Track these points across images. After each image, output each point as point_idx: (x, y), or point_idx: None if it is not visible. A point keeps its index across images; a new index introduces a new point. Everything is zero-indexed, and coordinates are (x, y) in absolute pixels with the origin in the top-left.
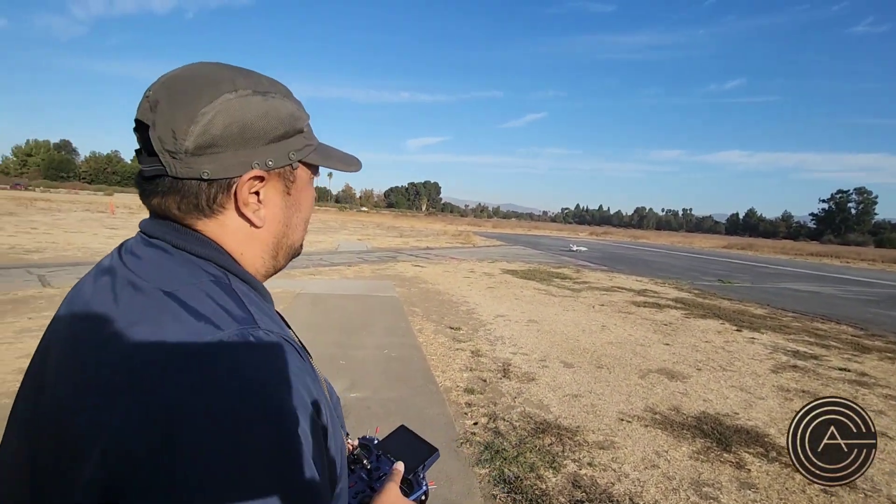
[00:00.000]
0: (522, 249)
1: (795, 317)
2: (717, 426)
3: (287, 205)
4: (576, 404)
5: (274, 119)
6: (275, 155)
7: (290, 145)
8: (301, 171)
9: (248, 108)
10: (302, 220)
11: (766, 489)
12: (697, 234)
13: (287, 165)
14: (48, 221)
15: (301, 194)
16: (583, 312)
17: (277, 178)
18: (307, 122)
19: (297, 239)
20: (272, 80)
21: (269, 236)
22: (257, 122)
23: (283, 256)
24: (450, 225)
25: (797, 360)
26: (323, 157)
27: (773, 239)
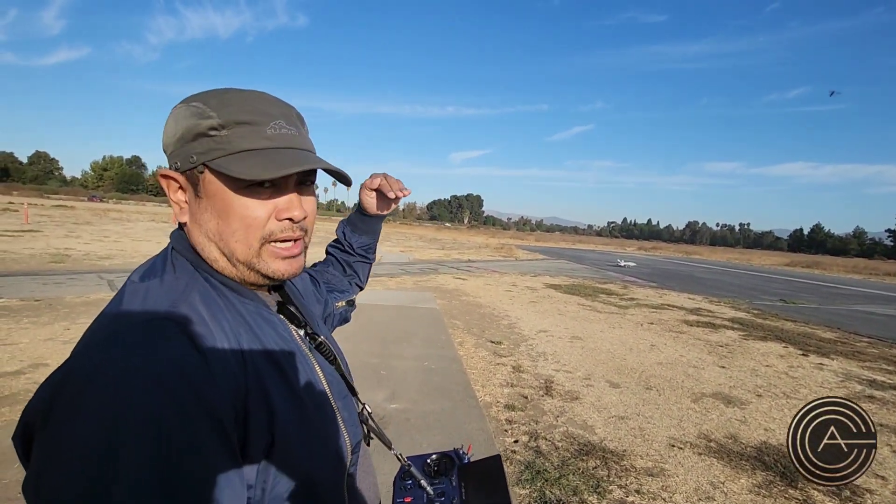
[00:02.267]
0: (566, 263)
1: (871, 342)
2: (781, 459)
3: (201, 208)
4: (622, 427)
5: (177, 124)
6: (180, 157)
7: (192, 148)
8: (212, 175)
9: (169, 118)
10: (232, 230)
11: None
12: (756, 250)
13: (191, 168)
14: (119, 230)
15: (217, 200)
16: (630, 330)
17: (186, 181)
18: (221, 124)
19: (234, 249)
20: (228, 90)
21: (203, 238)
22: (167, 128)
23: (238, 264)
24: (492, 238)
25: (874, 389)
26: (227, 165)
27: (844, 257)
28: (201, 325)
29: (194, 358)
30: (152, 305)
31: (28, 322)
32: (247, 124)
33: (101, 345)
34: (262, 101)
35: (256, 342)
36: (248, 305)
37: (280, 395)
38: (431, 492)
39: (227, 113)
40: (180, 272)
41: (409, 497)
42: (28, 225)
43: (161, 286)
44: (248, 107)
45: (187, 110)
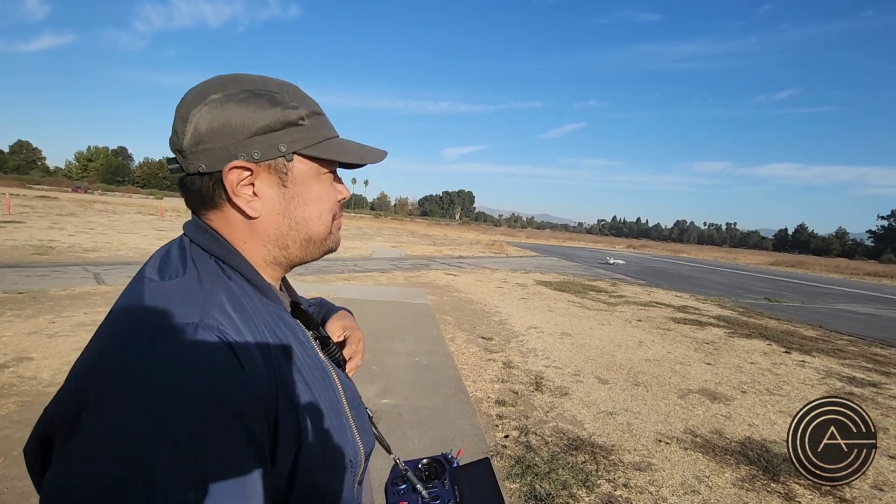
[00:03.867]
0: (557, 261)
1: (851, 340)
2: (764, 453)
3: (284, 197)
4: (611, 422)
5: (256, 112)
6: (261, 147)
7: (280, 138)
8: (301, 164)
9: (231, 105)
10: (314, 213)
11: None
12: (742, 249)
13: (278, 157)
14: (104, 222)
15: (302, 187)
16: (619, 327)
17: (269, 171)
18: (307, 114)
19: (314, 232)
20: (267, 79)
21: (268, 227)
22: (237, 116)
23: (298, 248)
24: (483, 234)
25: (853, 386)
26: (326, 151)
27: (826, 257)
28: (234, 331)
29: (231, 364)
30: (182, 307)
31: (11, 315)
32: (318, 115)
33: (137, 348)
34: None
35: (281, 350)
36: (271, 307)
37: (305, 404)
38: (426, 495)
39: (304, 104)
40: (204, 271)
41: (404, 501)
42: (10, 216)
43: (185, 285)
44: (310, 98)
45: (258, 100)
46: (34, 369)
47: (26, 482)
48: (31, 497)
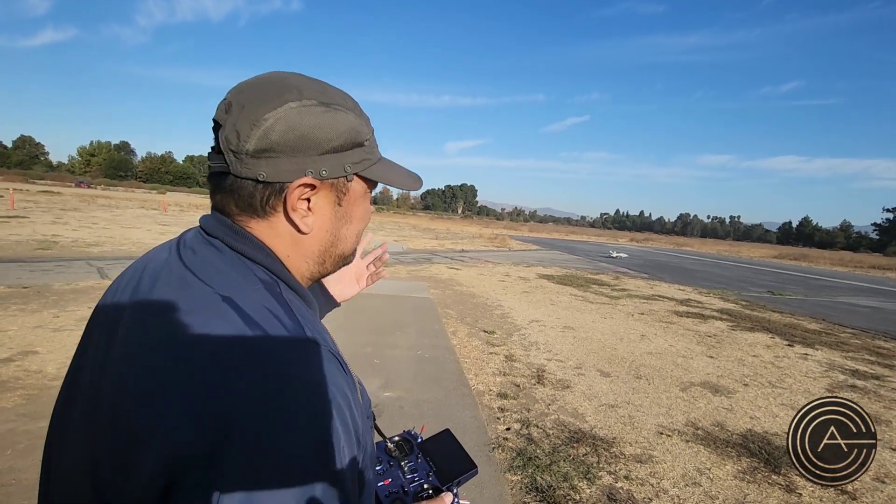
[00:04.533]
0: (559, 254)
1: (854, 333)
2: (766, 445)
3: (337, 215)
4: (612, 415)
5: (332, 130)
6: (329, 165)
7: (347, 158)
8: (356, 183)
9: (309, 118)
10: (354, 231)
11: None
12: (746, 242)
13: (342, 177)
14: (107, 217)
15: (353, 206)
16: (621, 320)
17: (329, 189)
18: (369, 136)
19: (347, 249)
20: (343, 93)
21: (315, 244)
22: (315, 132)
23: (331, 263)
24: (485, 228)
25: (856, 379)
26: (382, 174)
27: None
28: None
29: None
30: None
31: (16, 309)
32: (373, 133)
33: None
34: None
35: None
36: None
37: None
38: (406, 469)
39: (368, 122)
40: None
41: (388, 479)
42: (14, 211)
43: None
44: (366, 114)
45: (336, 114)
46: (39, 363)
47: (31, 474)
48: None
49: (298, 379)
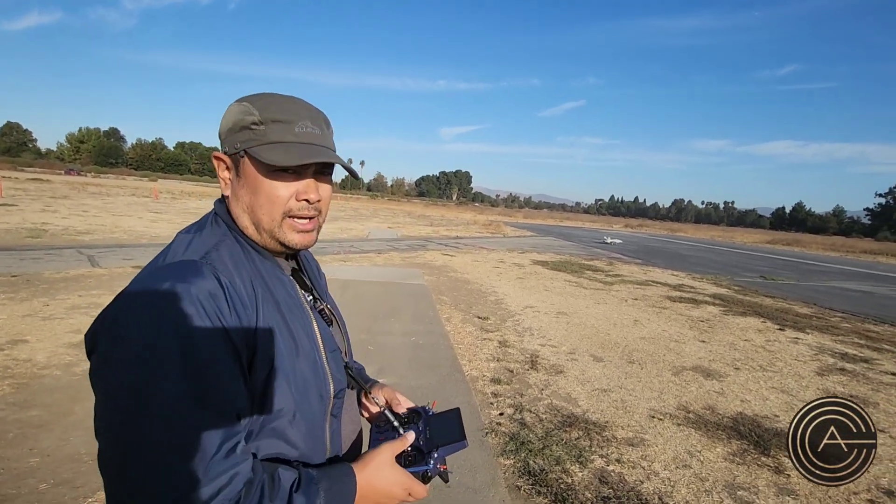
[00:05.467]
0: (554, 240)
1: (845, 317)
2: (756, 428)
3: (238, 185)
4: (605, 399)
5: (231, 118)
6: (228, 143)
7: (237, 137)
8: (250, 161)
9: (227, 111)
10: (261, 203)
11: (806, 497)
12: (739, 228)
13: (234, 153)
14: (98, 205)
15: (250, 180)
16: (614, 306)
17: (231, 162)
18: (260, 121)
19: (258, 219)
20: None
21: (235, 207)
22: (225, 120)
23: (256, 231)
24: (480, 215)
25: (845, 362)
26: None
27: (823, 235)
28: (226, 271)
29: (221, 292)
30: (191, 251)
31: (5, 298)
32: (279, 122)
33: (148, 277)
34: (294, 105)
35: (268, 292)
36: (266, 265)
37: (281, 336)
38: (402, 432)
39: (266, 112)
40: (216, 231)
41: (384, 438)
42: (2, 199)
43: (199, 238)
44: (283, 108)
45: (238, 107)
46: (29, 352)
47: (21, 463)
48: (27, 477)
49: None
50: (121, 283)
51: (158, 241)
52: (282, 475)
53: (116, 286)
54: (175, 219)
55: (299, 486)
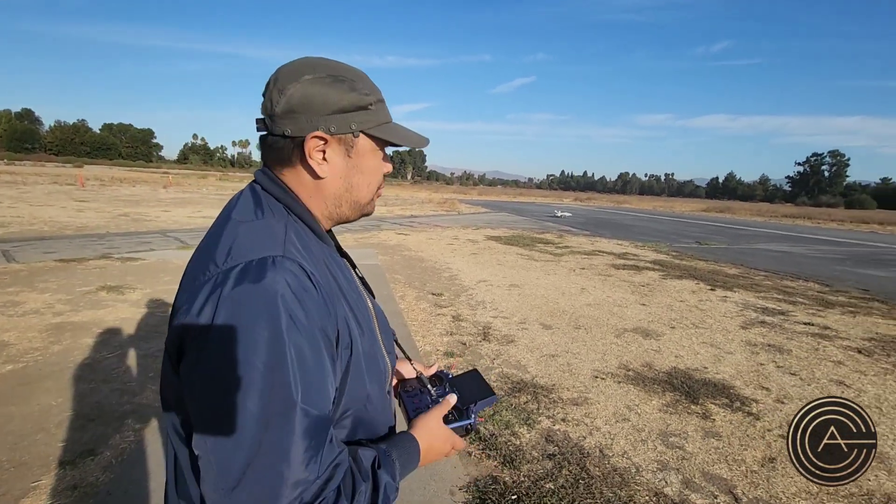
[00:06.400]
0: (507, 216)
1: (767, 276)
2: (687, 380)
3: (347, 165)
4: (552, 364)
5: (338, 95)
6: (337, 123)
7: (352, 118)
8: (364, 140)
9: (320, 87)
10: (365, 182)
11: (728, 437)
12: (679, 198)
13: (348, 133)
14: (13, 195)
15: (362, 159)
16: (563, 276)
17: (339, 143)
18: (374, 102)
19: (362, 196)
20: (352, 68)
21: (331, 188)
22: (323, 97)
23: (347, 208)
24: (435, 193)
25: (766, 316)
26: (385, 133)
27: (751, 202)
28: (307, 262)
29: (311, 286)
30: (268, 244)
31: None
32: (382, 102)
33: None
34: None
35: (335, 279)
36: (324, 248)
37: (353, 324)
38: (434, 393)
39: (374, 93)
40: (277, 215)
41: (416, 399)
42: None
43: (266, 227)
44: (374, 86)
45: (341, 85)
46: None
47: None
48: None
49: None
50: (42, 278)
51: (86, 231)
52: (363, 455)
53: (38, 282)
54: (105, 207)
55: (380, 464)
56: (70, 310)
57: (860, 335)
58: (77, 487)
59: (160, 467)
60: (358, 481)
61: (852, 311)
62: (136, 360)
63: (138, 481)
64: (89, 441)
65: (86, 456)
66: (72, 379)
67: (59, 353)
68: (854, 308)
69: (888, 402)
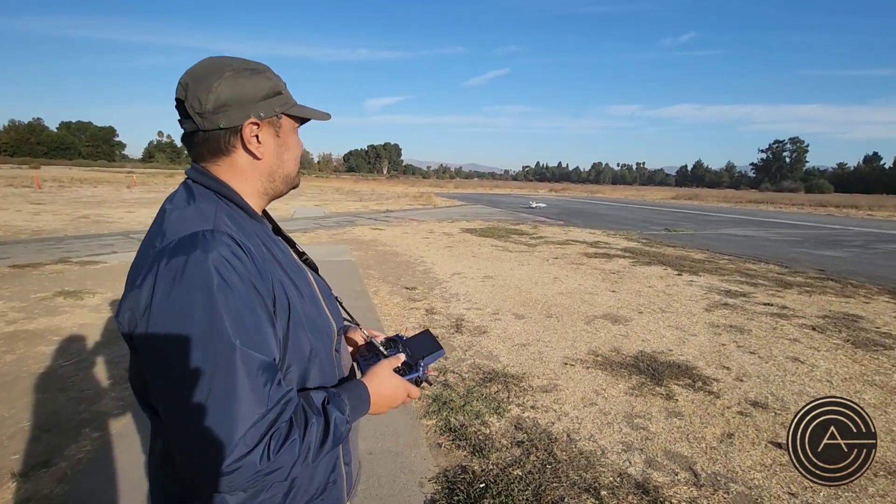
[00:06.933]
0: (483, 208)
1: (731, 259)
2: (652, 363)
3: (277, 144)
4: (524, 353)
5: (260, 86)
6: (264, 109)
7: (274, 102)
8: (285, 120)
9: (243, 80)
10: (292, 157)
11: (689, 416)
12: (650, 186)
13: (273, 116)
14: None
15: (288, 138)
16: (537, 266)
17: (269, 125)
18: (284, 87)
19: (290, 170)
20: (258, 62)
21: (267, 166)
22: (249, 89)
23: (280, 182)
24: (411, 187)
25: (728, 298)
26: (300, 111)
27: (718, 188)
28: (238, 236)
29: (243, 254)
30: (198, 221)
31: None
32: (286, 85)
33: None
34: None
35: (269, 253)
36: (257, 227)
37: (291, 289)
38: (387, 354)
39: (280, 78)
40: (207, 200)
41: (371, 362)
42: None
43: (197, 209)
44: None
45: (259, 76)
46: None
47: None
48: None
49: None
50: None
51: (42, 235)
52: (313, 395)
53: None
54: (63, 209)
55: (329, 401)
56: (24, 317)
57: (815, 313)
58: (31, 500)
59: (120, 474)
60: (310, 415)
61: (808, 291)
62: (95, 367)
63: (95, 491)
64: (43, 452)
65: (40, 468)
66: (26, 389)
67: (11, 362)
68: (810, 288)
69: (838, 375)
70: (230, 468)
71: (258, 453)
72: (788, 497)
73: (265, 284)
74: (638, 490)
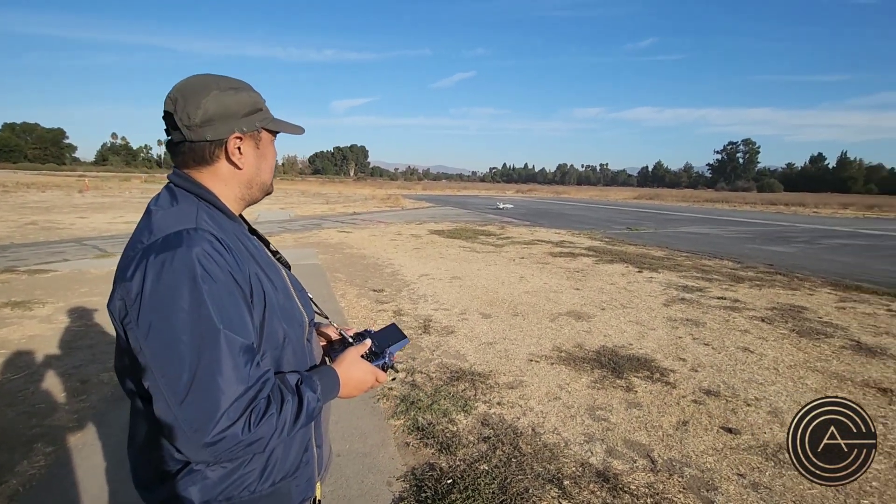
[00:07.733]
0: (451, 210)
1: (688, 256)
2: (613, 357)
3: (257, 155)
4: (490, 351)
5: (243, 103)
6: (247, 124)
7: (255, 118)
8: (264, 134)
9: (228, 98)
10: (268, 166)
11: (648, 406)
12: (613, 187)
13: (255, 130)
14: None
15: (266, 149)
16: (504, 266)
17: (250, 139)
18: (264, 104)
19: (266, 178)
20: (240, 80)
21: (246, 175)
22: (233, 105)
23: (257, 189)
24: (379, 189)
25: (685, 293)
26: (277, 126)
27: (677, 188)
28: (218, 233)
29: (223, 248)
30: (182, 220)
31: None
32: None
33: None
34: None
35: (245, 249)
36: (235, 227)
37: (265, 281)
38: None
39: (260, 95)
40: (190, 202)
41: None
42: None
43: (180, 210)
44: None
45: (243, 95)
46: None
47: None
48: None
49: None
50: None
51: None
52: (288, 377)
53: None
54: (8, 215)
55: (302, 382)
56: None
57: (764, 305)
58: None
59: (75, 489)
60: (285, 393)
61: (759, 285)
62: (46, 380)
63: None
64: None
65: None
66: None
67: None
68: (760, 281)
69: (784, 363)
70: (215, 438)
71: (240, 426)
72: (737, 478)
73: (243, 276)
74: (599, 478)
